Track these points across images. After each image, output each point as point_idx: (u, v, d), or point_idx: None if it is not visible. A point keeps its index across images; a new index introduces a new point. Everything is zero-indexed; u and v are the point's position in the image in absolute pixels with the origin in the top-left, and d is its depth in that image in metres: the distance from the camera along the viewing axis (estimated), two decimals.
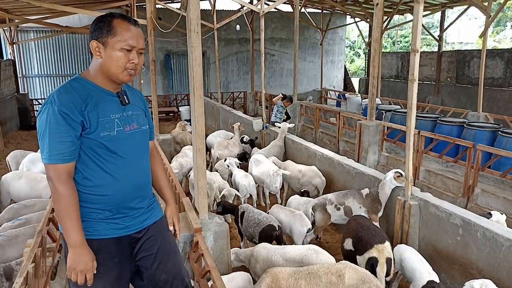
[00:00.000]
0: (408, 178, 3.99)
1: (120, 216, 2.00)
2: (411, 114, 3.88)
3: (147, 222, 2.13)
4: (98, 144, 1.88)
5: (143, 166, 2.11)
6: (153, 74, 7.16)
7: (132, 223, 2.05)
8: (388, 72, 18.55)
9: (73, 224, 1.82)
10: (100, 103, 1.90)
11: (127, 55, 1.90)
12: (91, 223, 1.93)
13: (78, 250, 1.83)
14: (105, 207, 1.95)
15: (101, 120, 1.88)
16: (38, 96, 16.21)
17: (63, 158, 1.80)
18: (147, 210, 2.13)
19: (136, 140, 2.03)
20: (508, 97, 12.43)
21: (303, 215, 4.40)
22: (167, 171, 4.94)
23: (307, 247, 3.38)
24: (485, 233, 3.25)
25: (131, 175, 2.00)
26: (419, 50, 3.77)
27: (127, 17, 1.95)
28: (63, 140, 1.78)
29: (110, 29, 1.87)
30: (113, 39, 1.87)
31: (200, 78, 3.18)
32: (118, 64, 1.89)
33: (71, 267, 1.84)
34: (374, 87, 7.37)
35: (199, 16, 3.09)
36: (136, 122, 2.05)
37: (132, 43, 1.90)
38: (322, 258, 3.23)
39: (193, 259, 3.07)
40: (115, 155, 1.93)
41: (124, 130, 1.97)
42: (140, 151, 2.08)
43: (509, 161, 5.72)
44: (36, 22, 10.35)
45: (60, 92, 1.83)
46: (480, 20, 29.86)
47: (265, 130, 8.38)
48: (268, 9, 8.26)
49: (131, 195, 2.03)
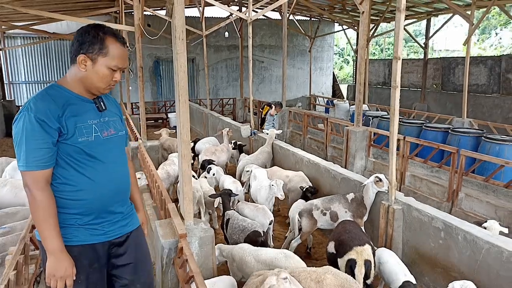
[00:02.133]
0: (392, 183, 4.05)
1: (99, 221, 2.01)
2: (394, 119, 3.95)
3: (127, 229, 2.15)
4: (76, 149, 1.90)
5: (122, 170, 2.14)
6: (141, 81, 7.15)
7: (112, 229, 2.07)
8: (376, 79, 18.79)
9: (51, 231, 1.82)
10: (77, 109, 1.93)
11: (112, 73, 1.97)
12: (71, 229, 1.94)
13: (57, 256, 1.84)
14: (85, 212, 1.96)
15: (79, 126, 1.90)
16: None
17: (40, 165, 1.81)
18: (126, 216, 2.15)
19: (113, 145, 2.07)
20: (492, 103, 12.68)
21: (265, 208, 4.66)
22: (153, 177, 4.93)
23: (279, 251, 3.47)
24: (466, 236, 3.31)
25: (110, 179, 2.03)
26: (401, 57, 3.85)
27: (119, 36, 1.99)
28: (39, 147, 1.79)
29: (103, 48, 1.91)
30: (104, 58, 1.92)
31: (185, 84, 3.20)
32: (103, 81, 1.96)
33: (50, 274, 1.84)
34: (361, 93, 7.47)
35: (184, 23, 3.12)
36: (113, 127, 2.09)
37: (120, 64, 1.97)
38: (291, 262, 3.29)
39: (178, 264, 3.07)
40: (93, 159, 1.96)
41: (102, 136, 2.00)
42: (118, 156, 2.11)
43: (492, 166, 5.84)
44: (23, 29, 10.28)
45: (37, 99, 1.84)
46: (466, 28, 30.37)
47: (253, 136, 8.41)
48: (256, 16, 8.34)
49: (111, 199, 2.05)
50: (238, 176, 6.71)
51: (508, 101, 12.18)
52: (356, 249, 3.27)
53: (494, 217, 5.35)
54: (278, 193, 4.84)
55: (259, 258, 3.42)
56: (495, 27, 28.17)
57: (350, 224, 3.86)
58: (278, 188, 4.85)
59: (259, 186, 5.31)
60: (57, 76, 16.43)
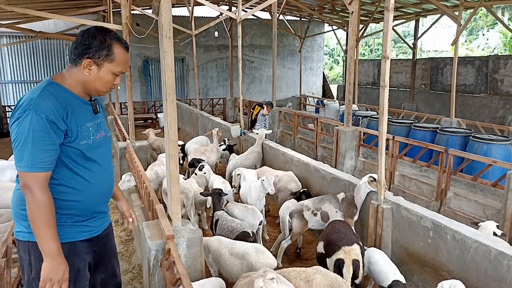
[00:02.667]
0: (381, 183, 4.05)
1: (88, 218, 2.06)
2: (383, 119, 3.95)
3: (106, 224, 2.25)
4: (76, 152, 1.92)
5: (111, 171, 2.22)
6: (129, 80, 7.07)
7: (98, 224, 2.14)
8: (365, 79, 18.90)
9: (51, 233, 1.80)
10: (78, 111, 1.93)
11: (115, 78, 2.01)
12: (62, 228, 1.93)
13: (55, 259, 1.80)
14: (78, 213, 2.00)
15: (80, 129, 1.92)
16: (11, 102, 15.77)
17: (46, 167, 1.80)
18: (107, 212, 2.25)
19: (104, 146, 2.12)
20: (480, 103, 12.83)
21: (255, 208, 4.63)
22: (141, 178, 4.87)
23: (251, 246, 3.52)
24: (455, 236, 3.32)
25: (104, 180, 2.10)
26: (390, 57, 3.85)
27: (123, 41, 2.01)
28: (47, 148, 1.78)
29: (110, 55, 1.93)
30: (110, 64, 1.95)
31: (172, 84, 3.15)
32: (106, 85, 2.00)
33: (46, 278, 1.79)
34: (351, 93, 7.48)
35: (171, 21, 3.07)
36: (103, 129, 2.13)
37: (124, 70, 2.01)
38: (261, 257, 3.34)
39: (165, 266, 3.02)
40: (91, 161, 1.99)
41: (96, 138, 2.03)
42: (109, 157, 2.19)
43: (480, 165, 5.89)
44: (9, 27, 10.08)
45: (43, 99, 1.80)
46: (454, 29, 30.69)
47: (242, 136, 8.37)
48: (245, 16, 8.30)
49: (103, 199, 2.14)
50: (228, 176, 6.66)
51: (495, 101, 12.34)
52: (344, 249, 3.26)
53: (482, 216, 5.41)
54: (268, 188, 4.79)
55: (233, 251, 3.49)
56: (483, 28, 28.54)
57: (340, 224, 3.85)
58: (268, 183, 4.81)
59: (248, 187, 5.27)
60: (44, 75, 16.16)
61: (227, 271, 3.52)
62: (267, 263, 3.30)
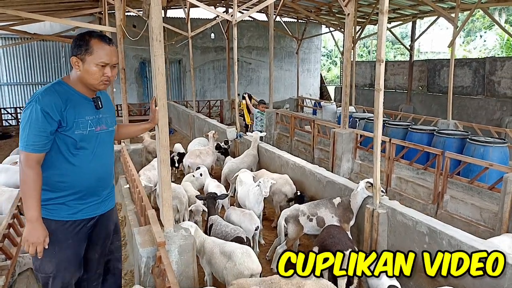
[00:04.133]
0: (376, 187, 4.00)
1: (80, 202, 2.36)
2: (378, 122, 3.90)
3: (100, 211, 2.50)
4: (72, 141, 2.25)
5: (107, 161, 2.50)
6: (123, 83, 7.02)
7: (90, 209, 2.42)
8: (362, 81, 18.88)
9: (33, 203, 2.15)
10: (77, 106, 2.27)
11: (101, 69, 2.27)
12: (53, 206, 2.29)
13: (33, 224, 2.15)
14: (69, 194, 2.31)
15: (77, 121, 2.24)
16: (7, 105, 15.69)
17: (36, 149, 2.15)
18: (103, 199, 2.51)
19: (103, 139, 2.42)
20: (477, 105, 12.82)
21: (252, 213, 4.59)
22: (134, 182, 4.81)
23: (240, 247, 3.51)
24: (450, 241, 3.27)
25: (95, 168, 2.38)
26: (384, 60, 3.81)
27: (103, 37, 2.31)
28: (40, 134, 2.13)
29: (88, 48, 2.23)
30: (90, 57, 2.23)
31: (163, 87, 3.09)
32: (94, 77, 2.27)
33: (25, 239, 2.16)
34: (347, 95, 7.44)
35: (161, 25, 3.02)
36: (105, 123, 2.44)
37: (106, 60, 2.26)
38: (245, 260, 3.34)
39: (156, 274, 2.97)
40: (85, 150, 2.30)
41: (95, 130, 2.35)
42: (106, 148, 2.46)
43: (477, 168, 5.85)
44: (3, 29, 10.02)
45: (45, 93, 2.18)
46: (451, 31, 30.80)
47: (238, 138, 8.32)
48: (241, 18, 8.26)
49: (94, 185, 2.40)
50: (223, 180, 6.61)
51: (492, 103, 12.33)
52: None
53: (479, 219, 5.37)
54: (262, 190, 4.74)
55: (222, 249, 3.53)
56: (480, 29, 28.59)
57: (335, 229, 3.80)
58: (263, 185, 4.75)
59: (247, 190, 5.21)
60: (40, 77, 16.10)
61: (215, 270, 3.55)
62: (250, 267, 3.31)
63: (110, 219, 2.67)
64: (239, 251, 3.41)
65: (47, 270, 2.33)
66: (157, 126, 3.22)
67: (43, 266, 2.33)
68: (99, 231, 2.56)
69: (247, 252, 3.43)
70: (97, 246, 2.59)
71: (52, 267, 2.33)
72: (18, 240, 3.51)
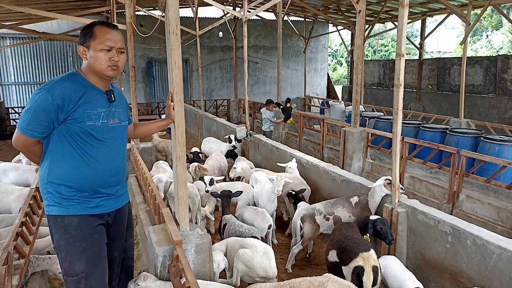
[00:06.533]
0: (395, 185, 3.89)
1: (94, 197, 2.32)
2: (397, 119, 3.80)
3: (117, 205, 2.49)
4: (84, 131, 2.22)
5: (120, 154, 2.47)
6: (133, 81, 6.95)
7: (107, 203, 2.40)
8: (371, 80, 18.73)
9: None
10: (91, 98, 2.25)
11: (107, 54, 2.23)
12: (71, 201, 2.25)
13: None
14: (83, 187, 2.27)
15: (88, 112, 2.22)
16: (15, 104, 15.72)
17: (30, 134, 2.16)
18: (119, 194, 2.49)
19: (116, 132, 2.39)
20: (488, 104, 12.64)
21: (265, 212, 4.51)
22: (146, 180, 4.74)
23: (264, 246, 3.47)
24: (475, 241, 3.16)
25: (109, 160, 2.35)
26: (404, 55, 3.71)
27: (106, 23, 2.31)
28: (41, 121, 2.13)
29: (91, 34, 2.22)
30: (94, 42, 2.22)
31: (180, 82, 3.01)
32: (101, 62, 2.23)
33: None
34: (358, 93, 7.34)
35: (178, 17, 2.94)
36: (118, 118, 2.41)
37: (110, 43, 2.23)
38: (264, 261, 3.30)
39: (173, 273, 2.89)
40: (98, 141, 2.28)
41: (108, 123, 2.32)
42: (118, 142, 2.43)
43: (493, 167, 5.72)
44: (12, 28, 10.00)
45: (58, 83, 2.17)
46: (457, 30, 30.66)
47: (248, 137, 8.24)
48: (251, 15, 8.18)
49: (107, 177, 2.37)
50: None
51: (504, 101, 12.15)
52: (362, 255, 3.09)
53: (497, 219, 5.25)
54: (275, 188, 4.63)
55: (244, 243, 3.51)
56: (487, 29, 28.33)
57: (347, 229, 3.62)
58: (277, 183, 4.64)
59: (261, 188, 5.12)
60: (48, 77, 16.11)
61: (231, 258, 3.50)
62: (266, 270, 3.29)
63: (125, 215, 2.66)
64: (262, 250, 3.35)
65: (77, 269, 2.27)
66: (173, 122, 3.15)
67: (72, 266, 2.27)
68: (116, 229, 2.55)
69: (268, 254, 3.36)
70: (116, 244, 2.57)
71: (82, 266, 2.27)
72: (30, 238, 3.45)
